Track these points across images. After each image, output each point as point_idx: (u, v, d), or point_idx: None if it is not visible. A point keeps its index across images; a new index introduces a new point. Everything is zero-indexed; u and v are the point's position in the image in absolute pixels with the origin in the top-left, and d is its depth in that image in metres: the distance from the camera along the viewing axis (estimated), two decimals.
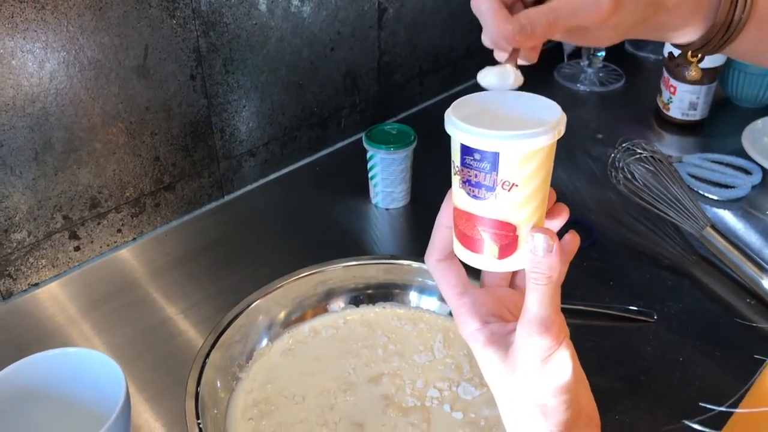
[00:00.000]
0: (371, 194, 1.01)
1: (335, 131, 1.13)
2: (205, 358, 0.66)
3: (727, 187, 1.03)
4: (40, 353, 0.65)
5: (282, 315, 0.76)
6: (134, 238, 0.95)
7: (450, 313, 0.76)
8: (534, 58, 0.47)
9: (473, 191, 0.42)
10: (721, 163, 1.07)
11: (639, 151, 0.99)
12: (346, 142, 1.15)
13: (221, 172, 1.01)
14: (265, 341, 0.74)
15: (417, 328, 0.76)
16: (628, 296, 0.84)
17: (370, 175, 0.99)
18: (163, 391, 0.74)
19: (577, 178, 1.06)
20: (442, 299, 0.77)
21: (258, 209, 1.02)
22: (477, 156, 0.41)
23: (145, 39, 0.84)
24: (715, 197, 1.01)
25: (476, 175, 0.41)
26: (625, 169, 1.00)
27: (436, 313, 0.77)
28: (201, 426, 0.60)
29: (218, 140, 0.98)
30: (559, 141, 0.42)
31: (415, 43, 1.18)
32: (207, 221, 0.99)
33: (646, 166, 0.98)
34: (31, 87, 0.77)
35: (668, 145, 1.15)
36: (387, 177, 0.97)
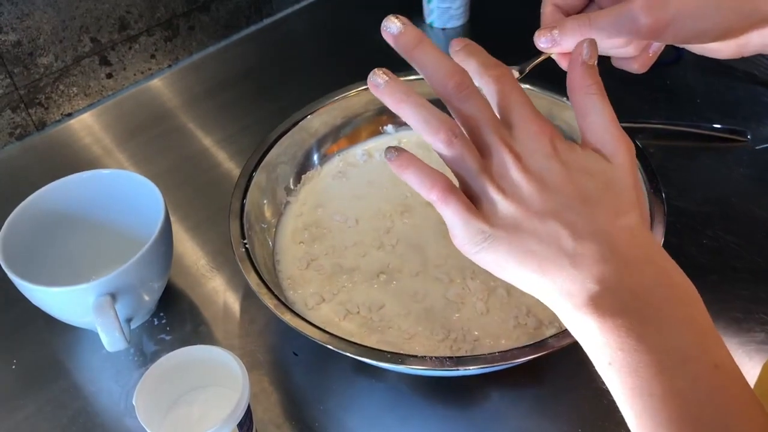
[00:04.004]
0: (425, 12, 0.91)
1: None
2: (250, 177, 0.60)
3: None
4: (73, 175, 0.60)
5: (332, 135, 0.69)
6: (169, 65, 0.88)
7: None
8: (565, 65, 0.42)
9: None
10: None
11: None
12: None
13: None
14: (314, 163, 0.68)
15: None
16: (718, 115, 0.75)
17: None
18: (204, 220, 0.69)
19: None
20: None
21: (300, 33, 0.93)
22: None
23: None
24: None
25: None
26: None
27: None
28: (247, 246, 0.55)
29: None
30: None
31: None
32: (246, 46, 0.91)
33: None
34: None
35: None
36: None
